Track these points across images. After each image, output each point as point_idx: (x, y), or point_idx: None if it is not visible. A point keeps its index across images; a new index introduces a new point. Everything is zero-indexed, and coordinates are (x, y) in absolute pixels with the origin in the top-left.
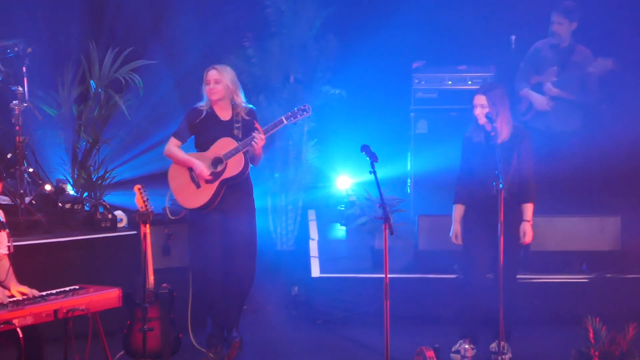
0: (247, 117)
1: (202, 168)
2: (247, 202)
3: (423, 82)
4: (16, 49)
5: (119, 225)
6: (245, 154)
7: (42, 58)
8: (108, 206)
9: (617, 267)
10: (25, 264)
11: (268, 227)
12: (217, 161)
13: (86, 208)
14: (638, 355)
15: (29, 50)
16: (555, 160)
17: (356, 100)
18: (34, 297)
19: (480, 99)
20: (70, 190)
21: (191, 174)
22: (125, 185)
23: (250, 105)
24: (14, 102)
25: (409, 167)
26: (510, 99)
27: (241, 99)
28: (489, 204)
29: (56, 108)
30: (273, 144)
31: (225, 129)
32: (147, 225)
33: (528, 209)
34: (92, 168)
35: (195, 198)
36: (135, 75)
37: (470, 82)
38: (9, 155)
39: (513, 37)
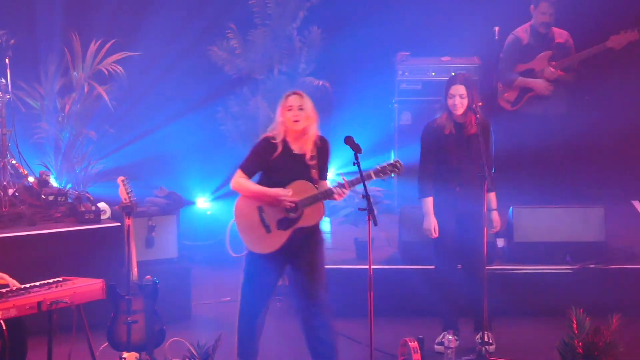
0: (322, 152)
1: (281, 195)
2: (317, 250)
3: (407, 74)
4: None
5: (103, 217)
6: (323, 202)
7: (25, 50)
8: (91, 198)
9: (601, 258)
10: (8, 256)
11: None
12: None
13: (69, 200)
14: (622, 346)
15: (12, 41)
16: (540, 150)
17: (340, 92)
18: (17, 289)
19: (460, 89)
20: (53, 182)
21: (261, 215)
22: (109, 177)
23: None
24: None
25: (392, 159)
26: (493, 90)
27: (317, 130)
28: (460, 195)
29: (39, 100)
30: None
31: (300, 166)
32: (131, 217)
33: (493, 197)
34: (75, 160)
35: (263, 244)
36: (119, 66)
37: (453, 74)
38: None
39: (497, 29)
